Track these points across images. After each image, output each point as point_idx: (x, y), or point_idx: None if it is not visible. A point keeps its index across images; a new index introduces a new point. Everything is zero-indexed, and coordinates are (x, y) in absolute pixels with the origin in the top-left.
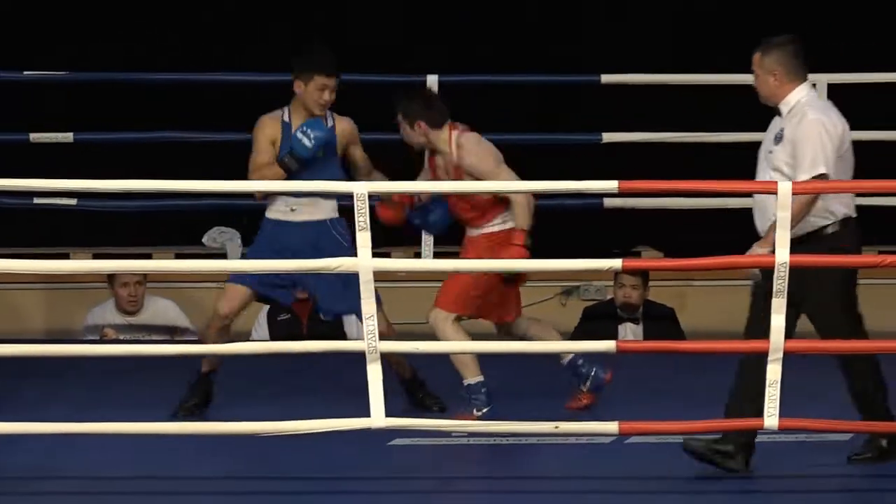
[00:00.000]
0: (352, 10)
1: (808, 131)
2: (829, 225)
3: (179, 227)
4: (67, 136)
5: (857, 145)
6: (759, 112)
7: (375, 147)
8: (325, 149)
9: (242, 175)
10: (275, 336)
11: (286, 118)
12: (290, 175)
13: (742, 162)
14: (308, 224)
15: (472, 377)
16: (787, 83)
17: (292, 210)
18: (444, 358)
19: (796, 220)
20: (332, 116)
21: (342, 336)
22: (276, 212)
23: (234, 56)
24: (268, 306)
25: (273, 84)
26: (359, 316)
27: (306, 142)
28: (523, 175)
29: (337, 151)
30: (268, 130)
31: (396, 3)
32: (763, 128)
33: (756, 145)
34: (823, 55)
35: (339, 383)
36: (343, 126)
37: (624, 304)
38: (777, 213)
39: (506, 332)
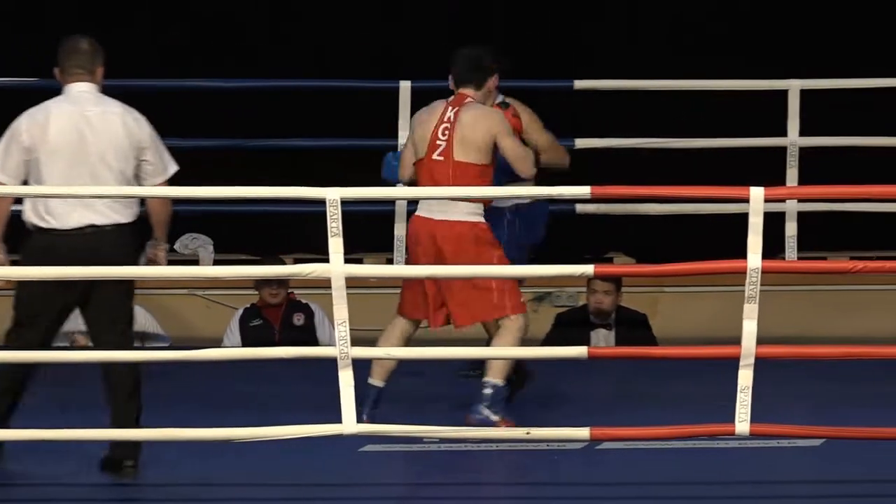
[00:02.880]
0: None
1: None
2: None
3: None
4: None
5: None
6: (739, 117)
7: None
8: None
9: (217, 181)
10: (247, 342)
11: None
12: None
13: (717, 167)
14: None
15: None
16: (61, 78)
17: None
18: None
19: None
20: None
21: (314, 341)
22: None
23: (218, 63)
24: (240, 312)
25: (261, 90)
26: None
27: None
28: None
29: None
30: None
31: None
32: (744, 133)
33: (731, 151)
34: (798, 61)
35: (312, 390)
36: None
37: (596, 311)
38: (750, 218)
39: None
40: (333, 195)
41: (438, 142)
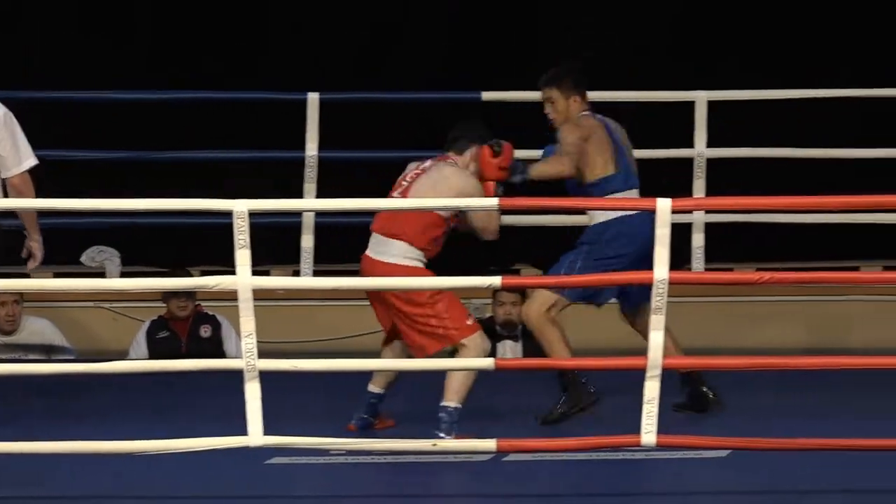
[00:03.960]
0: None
1: None
2: None
3: (58, 245)
4: None
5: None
6: (646, 128)
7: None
8: None
9: (124, 193)
10: (154, 354)
11: None
12: None
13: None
14: None
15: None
16: None
17: None
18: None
19: None
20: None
21: (221, 353)
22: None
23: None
24: (147, 324)
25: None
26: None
27: None
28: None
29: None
30: None
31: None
32: (651, 144)
33: (639, 162)
34: (705, 72)
35: (219, 402)
36: None
37: (504, 322)
38: (657, 230)
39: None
40: (241, 207)
41: (404, 182)
